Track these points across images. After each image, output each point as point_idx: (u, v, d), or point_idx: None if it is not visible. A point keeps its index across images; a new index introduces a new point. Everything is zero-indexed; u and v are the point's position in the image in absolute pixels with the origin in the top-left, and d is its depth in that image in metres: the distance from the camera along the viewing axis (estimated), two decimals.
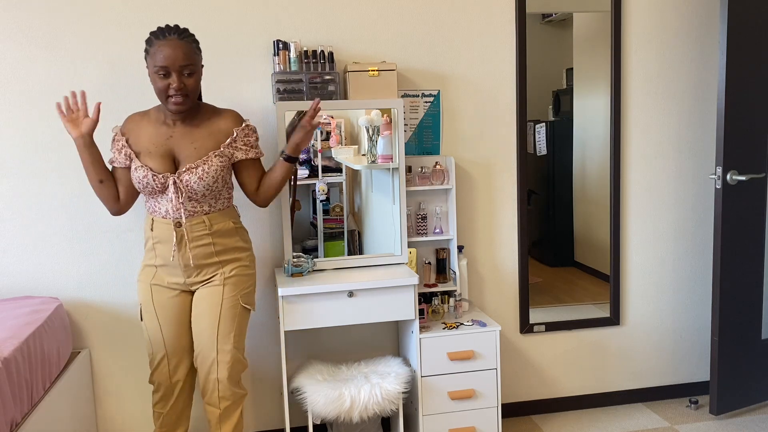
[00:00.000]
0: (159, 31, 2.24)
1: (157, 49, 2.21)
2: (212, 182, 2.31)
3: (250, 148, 2.39)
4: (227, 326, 2.38)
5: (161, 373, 2.45)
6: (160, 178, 2.28)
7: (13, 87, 2.63)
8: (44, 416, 2.26)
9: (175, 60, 2.20)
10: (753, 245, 3.06)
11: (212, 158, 2.31)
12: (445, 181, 2.91)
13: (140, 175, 2.29)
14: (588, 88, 3.24)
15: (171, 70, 2.20)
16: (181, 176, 2.29)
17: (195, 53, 2.27)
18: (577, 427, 3.12)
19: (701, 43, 3.16)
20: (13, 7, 2.60)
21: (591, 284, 3.39)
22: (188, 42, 2.25)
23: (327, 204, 2.89)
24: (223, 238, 2.38)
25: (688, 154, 3.23)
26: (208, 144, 2.33)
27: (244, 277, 2.44)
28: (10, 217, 2.70)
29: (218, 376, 2.38)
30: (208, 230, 2.35)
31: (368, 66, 2.71)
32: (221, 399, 2.40)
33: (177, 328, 2.41)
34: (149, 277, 2.42)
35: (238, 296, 2.41)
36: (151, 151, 2.31)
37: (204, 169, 2.29)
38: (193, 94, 2.28)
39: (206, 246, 2.35)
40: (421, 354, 2.71)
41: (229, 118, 2.39)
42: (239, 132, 2.37)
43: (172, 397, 2.49)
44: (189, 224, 2.32)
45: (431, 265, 2.98)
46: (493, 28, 2.97)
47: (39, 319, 2.41)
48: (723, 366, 3.03)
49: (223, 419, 2.42)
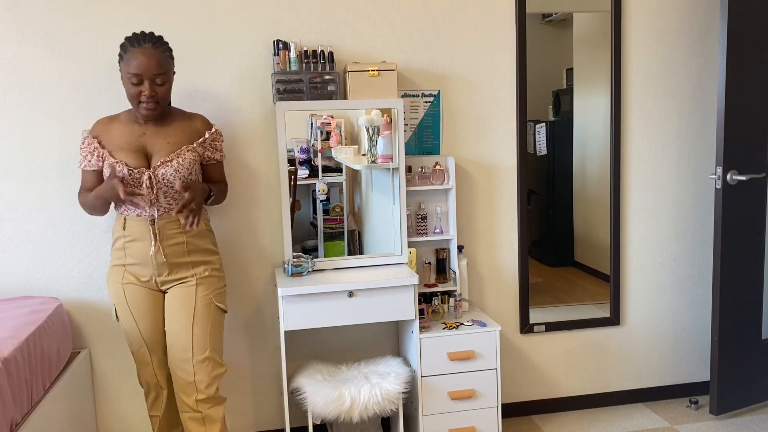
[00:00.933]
0: (134, 38, 2.28)
1: (131, 56, 2.24)
2: (187, 174, 2.35)
3: (215, 150, 2.47)
4: (203, 327, 2.39)
5: (147, 372, 2.48)
6: (136, 173, 2.31)
7: (12, 87, 2.63)
8: (44, 416, 2.26)
9: (148, 68, 2.24)
10: (753, 245, 3.06)
11: (185, 152, 2.36)
12: (445, 181, 2.91)
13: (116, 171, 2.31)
14: (588, 88, 3.24)
15: (144, 77, 2.25)
16: (157, 170, 2.31)
17: (167, 62, 2.31)
18: (577, 427, 3.12)
19: (701, 43, 3.16)
20: (12, 6, 2.60)
21: (591, 284, 3.39)
22: (162, 51, 2.29)
23: (327, 204, 2.89)
24: (195, 239, 2.42)
25: (688, 154, 3.23)
26: (182, 139, 2.38)
27: (216, 279, 2.47)
28: (10, 217, 2.69)
29: (195, 378, 2.37)
30: (180, 228, 2.37)
31: (368, 66, 2.71)
32: (200, 403, 2.39)
33: (153, 322, 2.43)
34: (119, 278, 2.43)
35: (211, 295, 2.42)
36: (124, 147, 2.33)
37: (179, 162, 2.33)
38: (164, 101, 2.33)
39: (179, 245, 2.38)
40: (421, 354, 2.71)
41: (200, 121, 2.47)
42: (210, 134, 2.44)
43: (162, 399, 2.52)
44: (163, 222, 2.35)
45: (431, 265, 2.98)
46: (493, 28, 2.97)
47: (39, 319, 2.41)
48: (723, 366, 3.03)
49: (207, 423, 2.41)
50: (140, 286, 2.41)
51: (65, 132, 2.65)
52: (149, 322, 2.43)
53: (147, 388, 2.53)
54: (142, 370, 2.49)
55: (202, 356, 2.38)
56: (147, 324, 2.43)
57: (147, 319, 2.42)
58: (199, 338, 2.38)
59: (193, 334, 2.37)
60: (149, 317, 2.43)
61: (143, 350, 2.45)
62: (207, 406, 2.40)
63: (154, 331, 2.44)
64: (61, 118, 2.67)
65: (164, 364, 2.48)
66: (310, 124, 2.81)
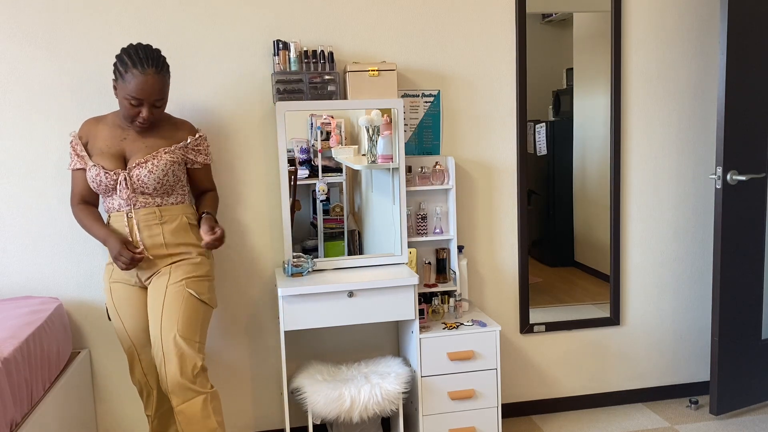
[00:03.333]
0: (137, 59, 2.24)
1: (133, 78, 2.22)
2: (162, 176, 2.35)
3: (199, 153, 2.47)
4: (172, 313, 2.30)
5: (137, 371, 2.49)
6: (112, 174, 2.33)
7: (12, 87, 2.63)
8: (44, 416, 2.26)
9: (151, 94, 2.25)
10: (753, 245, 3.06)
11: (162, 154, 2.36)
12: (445, 181, 2.91)
13: (93, 174, 2.35)
14: (588, 88, 3.24)
15: (144, 102, 2.26)
16: (131, 171, 2.33)
17: (167, 85, 2.33)
18: (577, 427, 3.11)
19: (701, 43, 3.16)
20: (12, 6, 2.60)
21: (591, 284, 3.39)
22: (164, 75, 2.29)
23: (327, 204, 2.89)
24: (174, 232, 2.39)
25: (688, 154, 3.23)
26: (161, 143, 2.39)
27: (193, 266, 2.39)
28: (10, 217, 2.69)
29: (165, 368, 2.27)
30: (158, 220, 2.38)
31: (368, 66, 2.71)
32: (171, 394, 2.28)
33: (137, 321, 2.43)
34: (108, 276, 2.46)
35: (183, 282, 2.35)
36: (104, 151, 2.36)
37: (153, 164, 2.34)
38: (158, 119, 2.36)
39: (156, 236, 2.37)
40: (421, 354, 2.71)
41: (185, 127, 2.48)
42: (192, 140, 2.45)
43: (153, 398, 2.51)
44: (139, 214, 2.36)
45: (431, 265, 2.98)
46: (493, 28, 2.97)
47: (39, 319, 2.41)
48: (723, 366, 3.03)
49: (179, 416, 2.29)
50: (126, 284, 2.43)
51: (65, 132, 2.65)
52: (134, 320, 2.43)
53: (139, 387, 2.54)
54: (133, 369, 2.50)
55: (169, 344, 2.26)
56: (132, 323, 2.43)
57: (132, 318, 2.43)
58: (167, 323, 2.28)
59: (161, 321, 2.29)
60: (134, 316, 2.43)
61: (132, 349, 2.46)
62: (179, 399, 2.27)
63: (140, 330, 2.44)
64: (61, 118, 2.67)
65: (153, 364, 2.45)
66: (310, 124, 2.81)
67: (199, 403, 2.29)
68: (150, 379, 2.50)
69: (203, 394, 2.31)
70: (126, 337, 2.45)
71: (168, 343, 2.28)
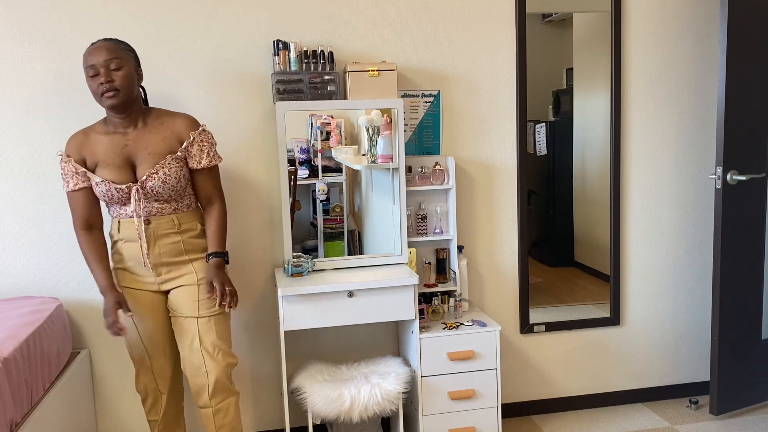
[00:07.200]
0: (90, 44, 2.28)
1: (86, 56, 2.24)
2: (176, 183, 2.31)
3: (201, 150, 2.35)
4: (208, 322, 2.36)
5: (146, 377, 2.45)
6: (124, 189, 2.27)
7: (12, 87, 2.63)
8: (44, 416, 2.26)
9: (99, 56, 2.21)
10: (753, 245, 3.06)
11: (169, 161, 2.29)
12: (445, 181, 2.91)
13: (103, 190, 2.28)
14: (588, 88, 3.24)
15: (97, 66, 2.21)
16: (144, 184, 2.28)
17: (121, 50, 2.26)
18: (577, 427, 3.12)
19: (701, 43, 3.16)
20: (12, 6, 2.60)
21: (591, 284, 3.39)
22: (113, 42, 2.27)
23: (327, 204, 2.89)
24: (191, 238, 2.39)
25: (688, 154, 3.23)
26: (162, 148, 2.30)
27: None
28: (10, 217, 2.70)
29: (207, 369, 2.35)
30: (176, 229, 2.36)
31: (368, 66, 2.71)
32: (213, 395, 2.37)
33: (153, 325, 2.41)
34: (119, 281, 2.40)
35: None
36: (108, 163, 2.28)
37: (165, 172, 2.28)
38: (125, 88, 2.23)
39: (176, 244, 2.36)
40: (421, 354, 2.71)
41: (184, 123, 2.35)
42: (196, 136, 2.34)
43: (161, 404, 2.49)
44: (157, 222, 2.33)
45: (431, 265, 2.98)
46: (493, 28, 2.97)
47: (39, 319, 2.41)
48: (723, 366, 3.03)
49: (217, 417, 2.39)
50: (140, 289, 2.39)
51: (65, 132, 2.64)
52: (149, 325, 2.40)
53: (144, 394, 2.49)
54: (142, 375, 2.46)
55: (212, 352, 2.35)
56: (146, 325, 2.40)
57: (147, 322, 2.40)
58: (205, 325, 2.35)
59: (199, 332, 2.35)
60: (149, 320, 2.40)
61: (142, 355, 2.42)
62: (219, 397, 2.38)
63: (155, 334, 2.41)
64: (61, 118, 2.67)
65: (164, 368, 2.45)
66: (310, 124, 2.81)
67: (234, 402, 2.43)
68: (160, 384, 2.47)
69: (237, 393, 2.45)
70: (138, 342, 2.41)
71: (210, 345, 2.35)
